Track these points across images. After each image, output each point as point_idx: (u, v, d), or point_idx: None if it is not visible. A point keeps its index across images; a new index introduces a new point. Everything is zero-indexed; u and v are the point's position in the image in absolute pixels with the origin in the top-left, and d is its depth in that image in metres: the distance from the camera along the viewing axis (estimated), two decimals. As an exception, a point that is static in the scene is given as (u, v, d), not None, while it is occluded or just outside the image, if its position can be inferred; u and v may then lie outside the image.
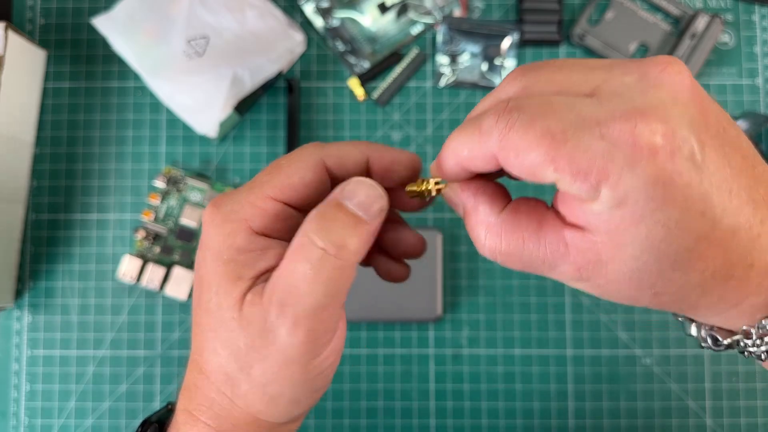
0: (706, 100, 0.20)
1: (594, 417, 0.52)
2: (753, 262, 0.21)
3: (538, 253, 0.22)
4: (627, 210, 0.19)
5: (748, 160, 0.21)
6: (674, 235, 0.19)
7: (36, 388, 0.53)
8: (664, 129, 0.18)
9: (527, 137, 0.19)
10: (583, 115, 0.19)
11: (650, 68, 0.20)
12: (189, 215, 0.53)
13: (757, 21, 0.55)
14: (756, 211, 0.20)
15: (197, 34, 0.50)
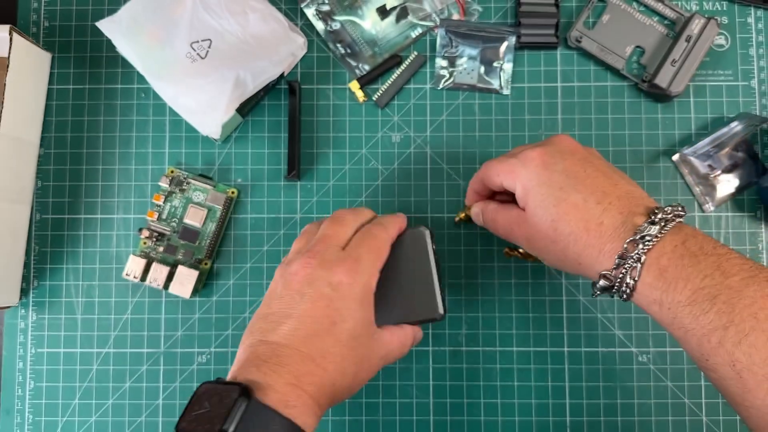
0: (583, 151, 0.42)
1: (591, 414, 0.53)
2: (603, 221, 0.37)
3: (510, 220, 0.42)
4: (527, 190, 0.40)
5: (606, 175, 0.40)
6: (547, 198, 0.39)
7: (40, 385, 0.54)
8: (540, 150, 0.41)
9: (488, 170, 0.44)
10: (508, 155, 0.43)
11: (551, 139, 0.43)
12: (192, 215, 0.53)
13: (753, 23, 0.56)
14: (605, 196, 0.38)
15: (200, 37, 0.51)
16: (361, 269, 0.39)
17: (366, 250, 0.40)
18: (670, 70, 0.52)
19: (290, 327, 0.37)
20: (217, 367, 0.54)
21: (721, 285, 0.34)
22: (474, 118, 0.55)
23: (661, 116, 0.55)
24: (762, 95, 0.55)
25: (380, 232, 0.42)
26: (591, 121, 0.55)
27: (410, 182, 0.55)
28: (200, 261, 0.54)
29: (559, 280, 0.54)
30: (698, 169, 0.54)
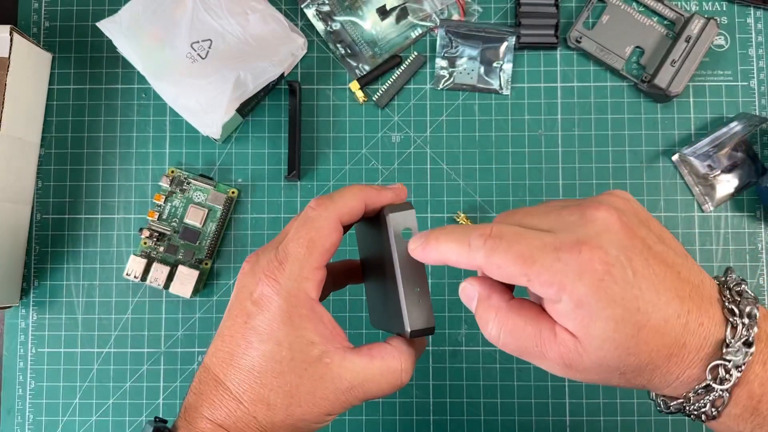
0: (634, 226, 0.27)
1: (591, 414, 0.53)
2: (685, 342, 0.27)
3: (534, 338, 0.28)
4: (584, 310, 0.26)
5: (671, 267, 0.27)
6: (621, 327, 0.26)
7: (41, 385, 0.54)
8: (600, 252, 0.26)
9: (507, 258, 0.27)
10: (545, 243, 0.27)
11: (587, 209, 0.27)
12: (193, 215, 0.53)
13: (752, 23, 0.56)
14: (682, 303, 0.27)
15: (200, 37, 0.51)
16: (285, 275, 0.30)
17: (294, 246, 0.31)
18: (670, 71, 0.53)
19: (213, 348, 0.32)
20: (218, 366, 0.54)
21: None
22: (474, 118, 0.55)
23: (661, 116, 0.55)
24: (761, 95, 0.55)
25: (318, 213, 0.31)
26: (591, 122, 0.55)
27: (410, 182, 0.55)
28: (201, 261, 0.54)
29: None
30: (698, 169, 0.54)
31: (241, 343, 0.31)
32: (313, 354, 0.30)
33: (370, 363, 0.31)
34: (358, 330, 0.54)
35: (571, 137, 0.55)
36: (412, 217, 0.32)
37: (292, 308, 0.30)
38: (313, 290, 0.31)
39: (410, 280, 0.31)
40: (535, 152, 0.55)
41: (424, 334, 0.32)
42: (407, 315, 0.31)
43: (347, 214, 0.32)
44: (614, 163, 0.54)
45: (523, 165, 0.55)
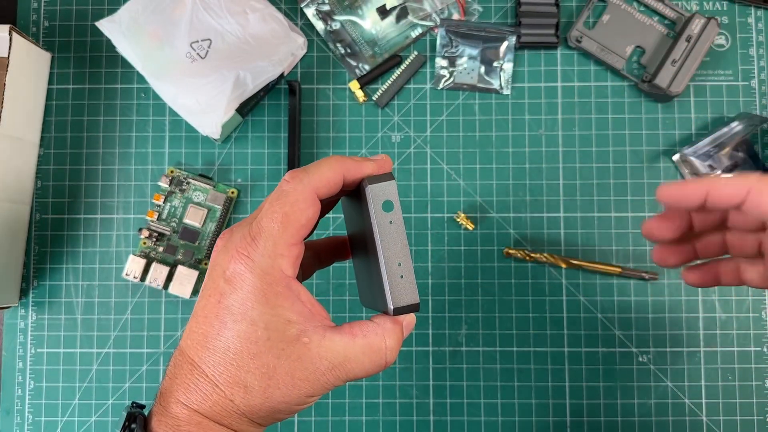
0: None
1: (591, 415, 0.53)
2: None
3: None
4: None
5: None
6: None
7: (40, 385, 0.54)
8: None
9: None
10: None
11: None
12: (192, 215, 0.53)
13: (753, 23, 0.56)
14: None
15: (200, 36, 0.51)
16: (258, 251, 0.29)
17: (268, 220, 0.29)
18: (671, 70, 0.52)
19: (188, 330, 0.30)
20: (217, 367, 0.54)
21: None
22: (474, 118, 0.55)
23: (662, 116, 0.55)
24: (762, 95, 0.55)
25: (293, 187, 0.30)
26: (591, 121, 0.55)
27: (410, 182, 0.55)
28: (200, 261, 0.54)
29: (559, 280, 0.54)
30: (698, 169, 0.54)
31: (215, 324, 0.29)
32: (290, 333, 0.29)
33: (351, 341, 0.30)
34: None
35: (571, 137, 0.55)
36: (392, 188, 0.30)
37: (267, 286, 0.29)
38: (288, 267, 0.29)
39: (392, 255, 0.30)
40: (536, 152, 0.55)
41: (409, 311, 0.30)
42: (390, 291, 0.29)
43: (324, 186, 0.30)
44: (615, 162, 0.54)
45: (524, 165, 0.55)
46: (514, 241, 0.54)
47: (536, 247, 0.54)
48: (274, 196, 0.30)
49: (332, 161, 0.30)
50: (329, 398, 0.53)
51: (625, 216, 0.54)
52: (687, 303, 0.53)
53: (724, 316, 0.53)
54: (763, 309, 0.53)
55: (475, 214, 0.54)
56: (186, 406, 0.29)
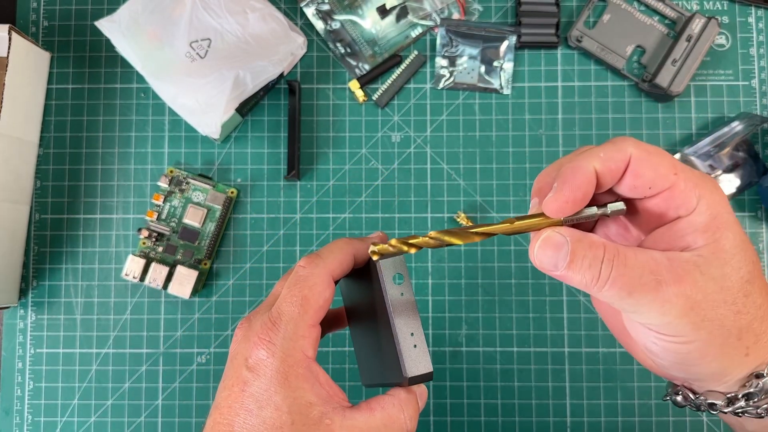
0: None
1: (591, 415, 0.53)
2: (748, 351, 0.27)
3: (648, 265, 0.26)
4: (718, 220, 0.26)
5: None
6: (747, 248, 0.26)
7: (39, 385, 0.54)
8: None
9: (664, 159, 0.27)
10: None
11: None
12: (192, 215, 0.53)
13: (753, 23, 0.56)
14: (762, 323, 0.27)
15: (199, 36, 0.51)
16: (280, 335, 0.29)
17: (287, 304, 0.30)
18: (671, 70, 0.52)
19: (212, 422, 0.30)
20: (216, 367, 0.53)
21: None
22: (474, 117, 0.55)
23: (662, 116, 0.55)
24: (762, 95, 0.55)
25: (310, 271, 0.31)
26: (591, 121, 0.55)
27: (410, 182, 0.55)
28: (200, 261, 0.54)
29: (559, 280, 0.54)
30: (699, 169, 0.54)
31: (240, 413, 0.29)
32: (312, 416, 0.29)
33: (371, 416, 0.30)
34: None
35: (572, 137, 0.55)
36: (401, 262, 0.31)
37: (288, 368, 0.29)
38: (309, 348, 0.30)
39: (405, 325, 0.30)
40: (536, 152, 0.55)
41: (423, 380, 0.31)
42: (405, 361, 0.30)
43: (338, 268, 0.31)
44: (615, 162, 0.54)
45: (524, 165, 0.55)
46: (514, 240, 0.54)
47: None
48: (291, 281, 0.31)
49: (342, 244, 0.32)
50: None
51: (626, 216, 0.54)
52: (687, 303, 0.53)
53: (724, 316, 0.53)
54: (764, 309, 0.53)
55: (475, 214, 0.54)
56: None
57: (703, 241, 0.26)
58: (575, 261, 0.26)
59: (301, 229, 0.54)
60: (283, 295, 0.30)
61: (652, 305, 0.25)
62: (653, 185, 0.26)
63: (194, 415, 0.53)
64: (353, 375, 0.53)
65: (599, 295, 0.26)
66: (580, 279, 0.26)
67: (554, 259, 0.27)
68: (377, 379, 0.34)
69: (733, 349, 0.27)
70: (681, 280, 0.25)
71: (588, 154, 0.27)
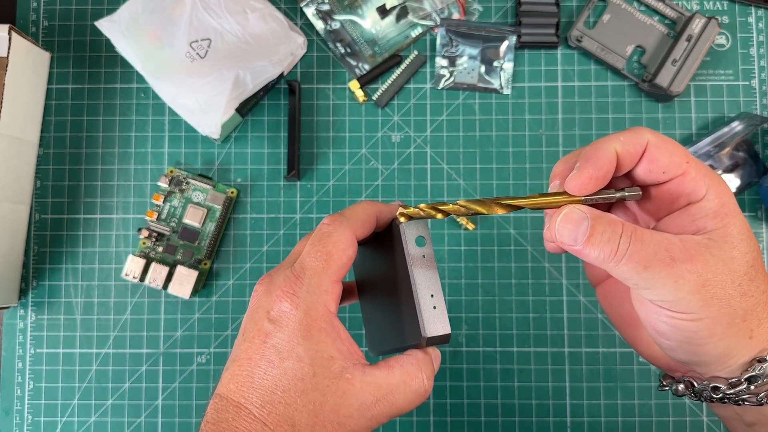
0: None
1: (591, 415, 0.53)
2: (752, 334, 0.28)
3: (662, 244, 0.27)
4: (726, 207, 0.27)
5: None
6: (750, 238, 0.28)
7: (39, 385, 0.54)
8: None
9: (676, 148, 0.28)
10: None
11: None
12: (192, 215, 0.53)
13: (753, 23, 0.56)
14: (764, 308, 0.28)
15: (199, 36, 0.51)
16: (303, 288, 0.30)
17: (311, 258, 0.30)
18: (671, 70, 0.52)
19: (231, 374, 0.30)
20: (216, 367, 0.53)
21: None
22: (474, 117, 0.55)
23: (662, 116, 0.55)
24: (762, 95, 0.55)
25: (334, 228, 0.31)
26: (591, 121, 0.55)
27: (410, 182, 0.55)
28: (200, 261, 0.54)
29: (559, 281, 0.54)
30: (699, 169, 0.54)
31: (261, 364, 0.29)
32: (334, 369, 0.29)
33: (390, 373, 0.30)
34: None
35: (572, 137, 0.55)
36: (425, 225, 0.32)
37: (312, 321, 0.29)
38: (332, 303, 0.30)
39: (425, 287, 0.31)
40: (536, 152, 0.55)
41: (441, 341, 0.31)
42: (424, 321, 0.30)
43: (361, 228, 0.32)
44: (615, 162, 0.54)
45: (524, 165, 0.55)
46: (514, 240, 0.54)
47: (536, 247, 0.54)
48: (315, 237, 0.31)
49: (365, 205, 0.32)
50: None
51: (626, 216, 0.54)
52: (687, 303, 0.53)
53: (724, 316, 0.53)
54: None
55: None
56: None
57: (713, 225, 0.27)
58: (594, 236, 0.27)
59: (301, 229, 0.54)
60: (307, 250, 0.30)
61: (665, 281, 0.26)
62: (667, 170, 0.28)
63: (194, 415, 0.53)
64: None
65: (616, 269, 0.27)
66: (598, 253, 0.27)
67: (574, 233, 0.28)
68: (390, 345, 0.33)
69: (739, 330, 0.27)
70: (693, 259, 0.26)
71: (609, 137, 0.28)
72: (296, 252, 0.33)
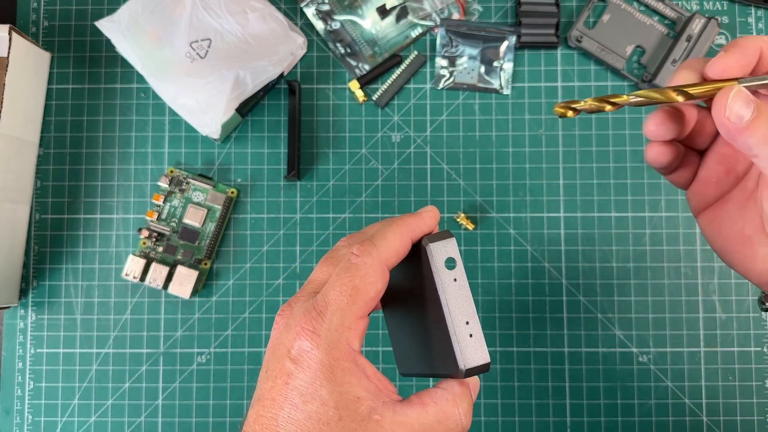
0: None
1: (591, 415, 0.53)
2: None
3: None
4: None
5: None
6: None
7: (39, 385, 0.54)
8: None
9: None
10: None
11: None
12: (192, 215, 0.53)
13: (753, 23, 0.56)
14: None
15: (200, 36, 0.51)
16: (324, 326, 0.28)
17: (336, 293, 0.28)
18: (671, 70, 0.52)
19: (256, 413, 0.29)
20: (217, 367, 0.54)
21: None
22: (474, 117, 0.55)
23: (662, 116, 0.55)
24: (762, 95, 0.55)
25: (363, 260, 0.29)
26: (591, 121, 0.55)
27: (410, 182, 0.55)
28: (200, 261, 0.54)
29: (559, 281, 0.54)
30: (699, 169, 0.54)
31: (285, 407, 0.28)
32: (361, 411, 0.28)
33: (423, 411, 0.28)
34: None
35: (571, 137, 0.55)
36: (453, 245, 0.29)
37: (334, 361, 0.28)
38: (355, 341, 0.28)
39: (459, 313, 0.28)
40: (536, 152, 0.55)
41: (480, 371, 0.28)
42: (460, 352, 0.28)
43: (393, 257, 0.29)
44: (615, 162, 0.54)
45: (524, 165, 0.55)
46: (514, 240, 0.54)
47: (535, 247, 0.54)
48: (342, 269, 0.29)
49: (397, 228, 0.30)
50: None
51: (625, 216, 0.54)
52: (687, 303, 0.53)
53: (724, 316, 0.53)
54: (764, 309, 0.53)
55: (475, 214, 0.54)
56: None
57: None
58: (761, 116, 0.27)
59: (301, 229, 0.55)
60: (332, 283, 0.29)
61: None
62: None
63: (194, 415, 0.53)
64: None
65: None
66: (764, 132, 0.27)
67: (744, 111, 0.27)
68: (421, 369, 0.32)
69: None
70: None
71: (752, 36, 0.29)
72: (314, 280, 0.31)
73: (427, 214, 0.31)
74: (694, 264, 0.54)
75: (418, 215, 0.31)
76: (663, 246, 0.54)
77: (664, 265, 0.54)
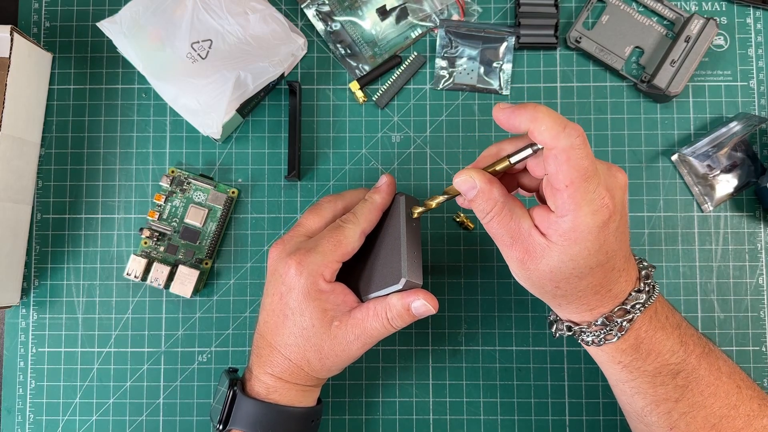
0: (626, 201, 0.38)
1: (590, 414, 0.53)
2: (611, 289, 0.38)
3: (513, 231, 0.37)
4: (576, 234, 0.35)
5: (627, 233, 0.38)
6: (590, 257, 0.35)
7: (41, 384, 0.54)
8: (613, 204, 0.35)
9: (583, 157, 0.35)
10: (598, 177, 0.35)
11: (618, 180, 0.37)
12: (193, 215, 0.53)
13: (752, 23, 0.56)
14: (626, 262, 0.38)
15: (201, 37, 0.51)
16: (311, 260, 0.41)
17: (326, 241, 0.42)
18: (669, 71, 0.53)
19: (262, 319, 0.44)
20: (218, 366, 0.54)
21: (683, 362, 0.39)
22: (474, 118, 0.55)
23: (660, 116, 0.55)
24: (761, 95, 0.55)
25: (350, 226, 0.42)
26: (590, 121, 0.55)
27: (410, 182, 0.55)
28: (201, 260, 0.54)
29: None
30: (697, 169, 0.54)
31: (280, 316, 0.42)
32: (327, 320, 0.41)
33: (365, 314, 0.41)
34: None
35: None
36: (416, 200, 0.44)
37: (311, 285, 0.41)
38: (329, 274, 0.42)
39: (411, 246, 0.41)
40: (535, 152, 0.55)
41: (413, 287, 0.41)
42: (405, 268, 0.40)
43: (369, 227, 0.43)
44: (614, 162, 0.54)
45: (523, 165, 0.55)
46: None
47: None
48: (334, 226, 0.43)
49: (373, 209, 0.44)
50: (329, 397, 0.53)
51: (624, 216, 0.54)
52: (686, 302, 0.54)
53: (722, 315, 0.53)
54: (762, 309, 0.53)
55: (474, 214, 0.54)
56: (271, 375, 0.43)
57: (559, 232, 0.36)
58: (475, 200, 0.38)
59: (302, 228, 0.55)
60: (324, 234, 0.42)
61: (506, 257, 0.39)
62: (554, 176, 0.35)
63: (195, 414, 0.53)
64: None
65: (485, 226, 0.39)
66: (482, 207, 0.38)
67: (470, 193, 0.38)
68: (375, 289, 0.42)
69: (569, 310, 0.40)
70: (531, 251, 0.37)
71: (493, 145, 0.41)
72: (303, 224, 0.44)
73: (388, 188, 0.45)
74: (692, 264, 0.54)
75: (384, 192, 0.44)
76: (662, 246, 0.54)
77: (663, 265, 0.54)
